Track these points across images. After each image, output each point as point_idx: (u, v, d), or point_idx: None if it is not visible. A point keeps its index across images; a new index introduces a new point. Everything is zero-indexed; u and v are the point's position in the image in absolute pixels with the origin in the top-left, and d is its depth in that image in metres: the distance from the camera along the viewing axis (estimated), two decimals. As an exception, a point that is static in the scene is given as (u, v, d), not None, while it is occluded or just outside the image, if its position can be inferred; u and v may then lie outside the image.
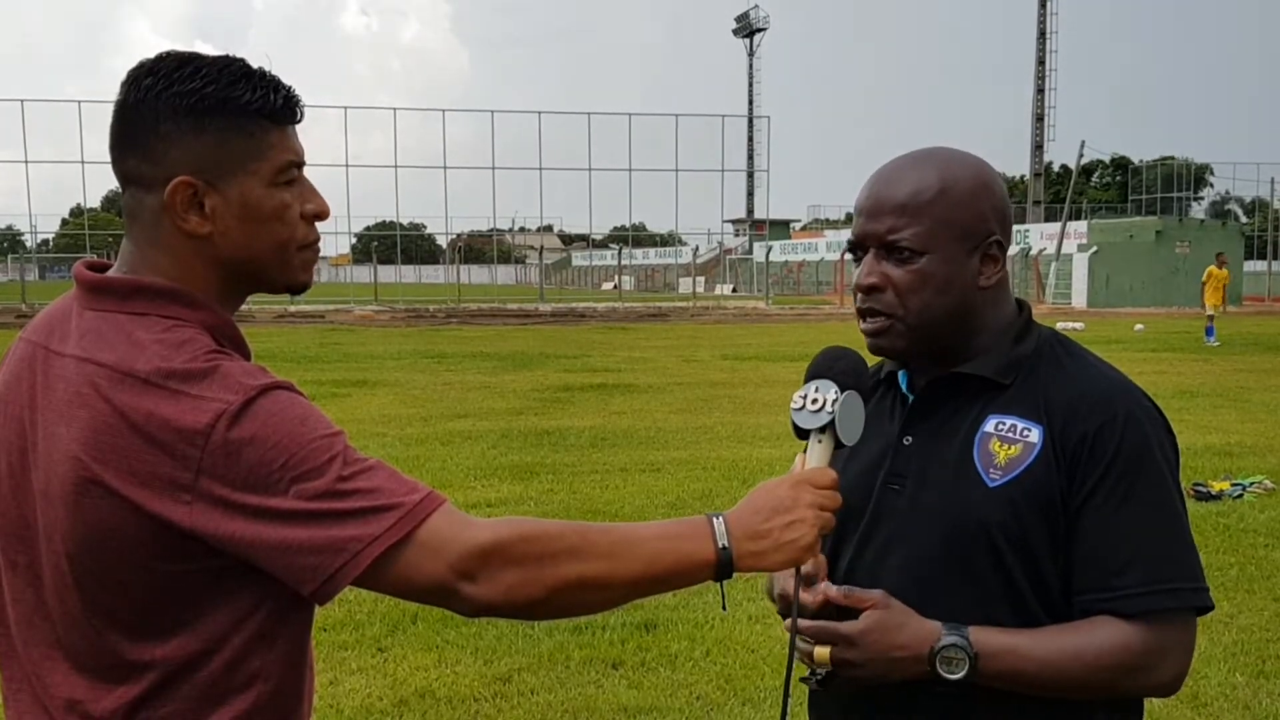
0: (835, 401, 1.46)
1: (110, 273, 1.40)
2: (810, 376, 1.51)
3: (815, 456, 1.47)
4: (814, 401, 1.47)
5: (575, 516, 7.33)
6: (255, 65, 1.39)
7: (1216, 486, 7.97)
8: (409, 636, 5.13)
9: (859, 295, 1.62)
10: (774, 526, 1.38)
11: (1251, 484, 8.10)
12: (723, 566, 1.35)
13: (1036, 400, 1.57)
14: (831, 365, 1.51)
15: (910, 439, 1.64)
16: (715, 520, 1.36)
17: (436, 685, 4.57)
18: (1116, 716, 1.60)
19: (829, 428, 1.46)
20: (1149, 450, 1.54)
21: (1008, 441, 1.56)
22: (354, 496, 1.26)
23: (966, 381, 1.62)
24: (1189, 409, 12.50)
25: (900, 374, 1.71)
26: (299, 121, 1.43)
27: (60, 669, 1.35)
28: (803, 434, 1.49)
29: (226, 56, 1.38)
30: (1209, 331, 22.34)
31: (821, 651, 1.54)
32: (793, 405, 1.49)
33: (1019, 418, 1.57)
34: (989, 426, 1.58)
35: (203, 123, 1.34)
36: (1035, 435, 1.55)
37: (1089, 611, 1.52)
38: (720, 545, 1.35)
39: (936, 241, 1.56)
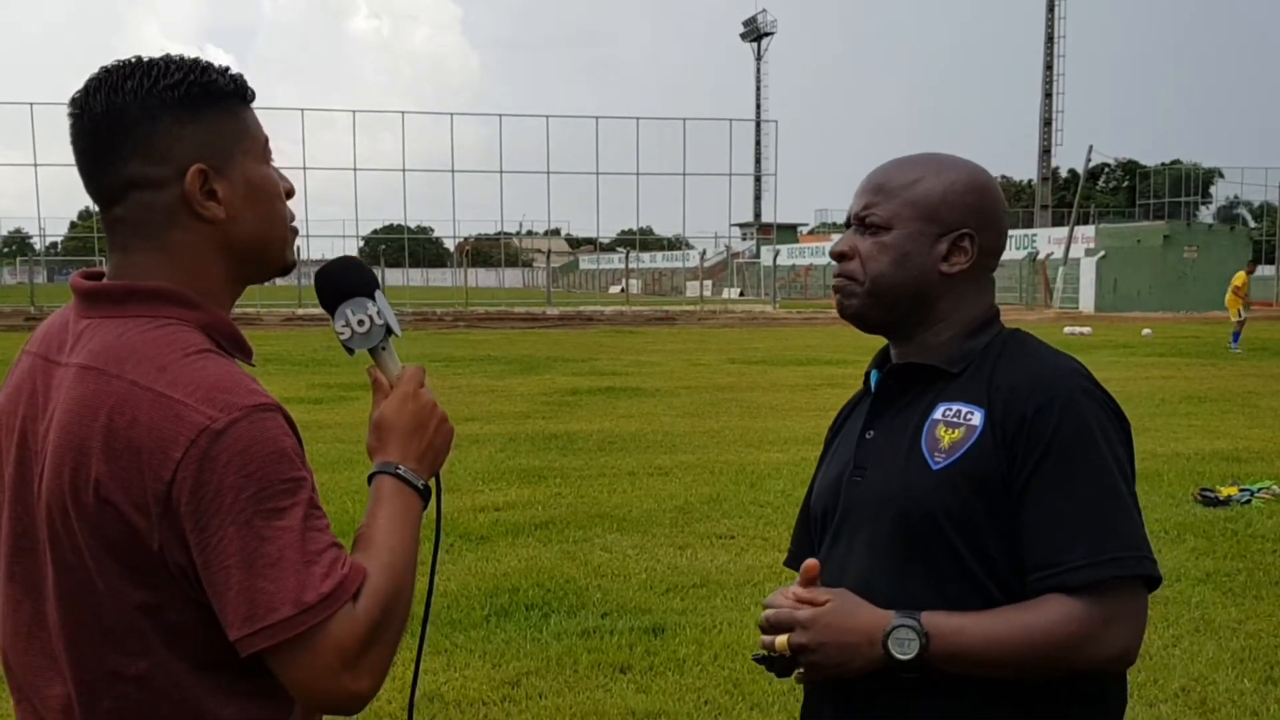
0: (376, 311, 1.52)
1: (106, 280, 1.40)
2: (333, 304, 1.53)
3: (392, 362, 1.55)
4: (360, 323, 1.51)
5: (583, 520, 7.35)
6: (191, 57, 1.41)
7: (1224, 492, 7.94)
8: (417, 640, 5.14)
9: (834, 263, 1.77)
10: (429, 439, 1.50)
11: (1259, 490, 8.08)
12: (426, 495, 1.48)
13: (982, 386, 1.64)
14: (345, 283, 1.53)
15: (872, 432, 1.73)
16: (400, 471, 1.45)
17: (445, 689, 4.58)
18: (1091, 710, 1.63)
19: (387, 332, 1.53)
20: (1087, 430, 1.57)
21: (952, 426, 1.63)
22: (308, 547, 1.25)
23: (919, 372, 1.70)
24: (1197, 414, 12.48)
25: (873, 374, 1.80)
26: (253, 100, 1.46)
27: (56, 680, 1.36)
28: (366, 351, 1.54)
29: (170, 55, 1.39)
30: (1235, 337, 22.13)
31: (781, 640, 1.62)
32: (340, 337, 1.52)
33: (964, 403, 1.64)
34: (937, 414, 1.65)
35: (197, 111, 1.36)
36: (977, 419, 1.61)
37: (1039, 590, 1.55)
38: (420, 486, 1.46)
39: (901, 218, 1.68)
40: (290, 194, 1.48)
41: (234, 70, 1.42)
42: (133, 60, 1.38)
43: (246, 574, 1.23)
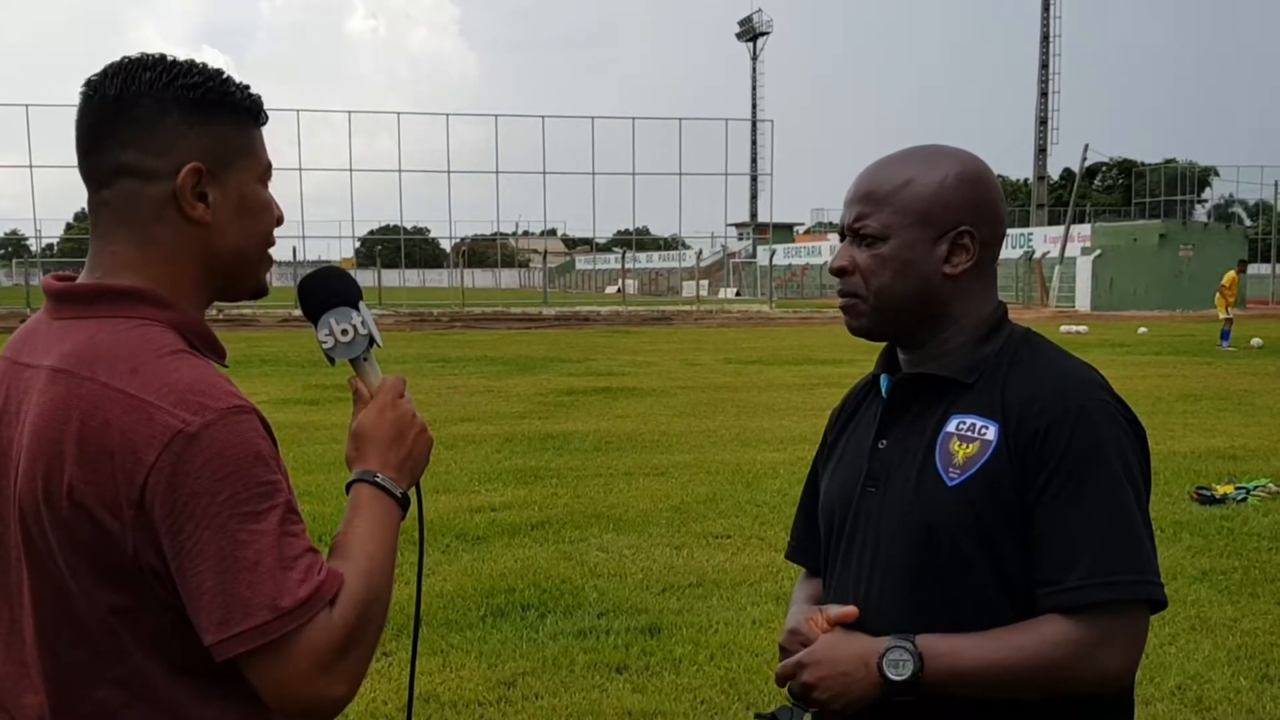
0: (361, 321, 1.51)
1: (80, 279, 1.39)
2: (316, 313, 1.52)
3: (373, 372, 1.54)
4: (344, 333, 1.51)
5: (579, 520, 7.35)
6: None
7: (1220, 490, 7.96)
8: (409, 644, 5.14)
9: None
10: (408, 448, 1.50)
11: (1255, 487, 8.10)
12: (405, 504, 1.48)
13: (995, 398, 1.60)
14: (329, 293, 1.52)
15: (885, 442, 1.69)
16: (378, 480, 1.44)
17: (441, 690, 4.57)
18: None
19: (370, 343, 1.52)
20: (1100, 446, 1.54)
21: (966, 440, 1.59)
22: (284, 551, 1.24)
23: (932, 381, 1.66)
24: (1193, 412, 12.50)
25: (883, 379, 1.75)
26: (265, 124, 1.47)
27: (30, 689, 1.34)
28: (348, 361, 1.53)
29: (195, 61, 1.41)
30: (1225, 335, 22.36)
31: (786, 689, 1.62)
32: (323, 346, 1.52)
33: (978, 416, 1.60)
34: (951, 426, 1.61)
35: (209, 115, 1.37)
36: (992, 433, 1.58)
37: (1040, 608, 1.53)
38: (399, 495, 1.46)
39: (896, 228, 1.63)
40: (279, 222, 1.48)
41: (253, 90, 1.43)
42: (156, 55, 1.39)
43: (221, 578, 1.22)
